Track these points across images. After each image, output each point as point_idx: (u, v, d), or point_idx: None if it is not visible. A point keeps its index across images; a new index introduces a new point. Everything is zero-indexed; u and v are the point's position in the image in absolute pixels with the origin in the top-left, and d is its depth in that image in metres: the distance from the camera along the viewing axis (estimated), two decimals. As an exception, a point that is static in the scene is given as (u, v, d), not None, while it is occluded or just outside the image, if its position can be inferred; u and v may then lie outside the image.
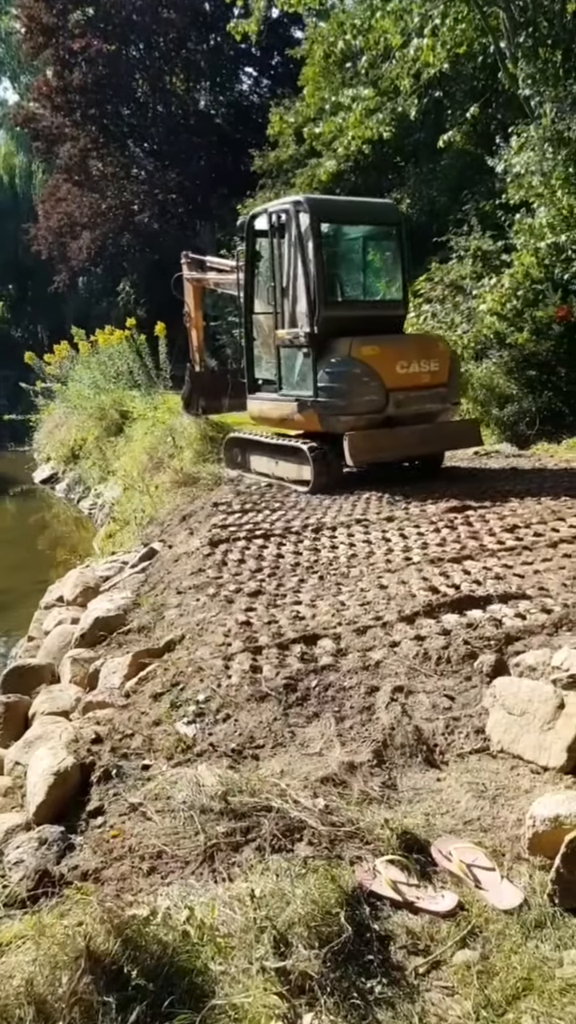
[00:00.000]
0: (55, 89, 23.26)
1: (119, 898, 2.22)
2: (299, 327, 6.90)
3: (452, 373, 7.08)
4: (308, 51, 14.01)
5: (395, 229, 7.51)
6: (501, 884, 2.12)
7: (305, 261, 6.76)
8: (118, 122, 24.56)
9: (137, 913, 2.04)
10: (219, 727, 3.03)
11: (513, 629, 3.55)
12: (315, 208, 6.83)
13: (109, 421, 12.44)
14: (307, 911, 1.95)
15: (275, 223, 7.06)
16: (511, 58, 9.41)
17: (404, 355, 6.77)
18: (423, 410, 6.87)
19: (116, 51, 23.29)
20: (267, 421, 7.62)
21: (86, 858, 2.49)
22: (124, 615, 4.76)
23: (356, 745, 2.85)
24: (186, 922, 1.99)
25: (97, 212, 24.21)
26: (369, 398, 6.61)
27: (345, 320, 6.91)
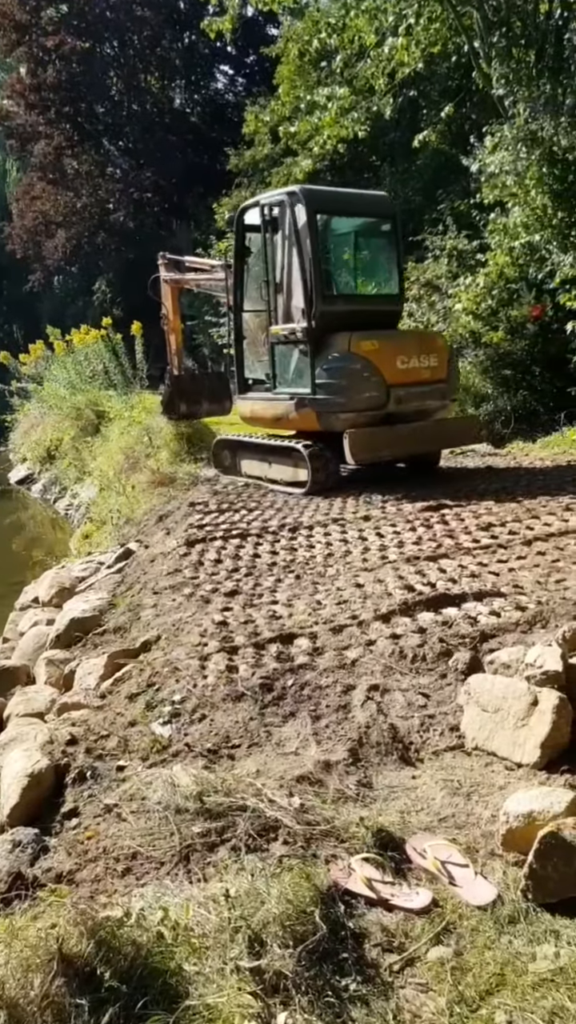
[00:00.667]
0: (29, 87, 23.08)
1: (93, 900, 2.20)
2: (295, 322, 6.72)
3: (451, 369, 6.98)
4: (283, 50, 14.01)
5: (390, 222, 7.40)
6: (475, 880, 2.13)
7: (301, 254, 6.56)
8: (93, 120, 24.42)
9: (111, 914, 2.02)
10: (195, 727, 3.02)
11: (488, 626, 3.57)
12: (311, 199, 6.64)
13: (85, 421, 12.35)
14: (282, 910, 1.95)
15: (268, 216, 6.87)
16: (485, 58, 9.45)
17: (404, 350, 6.63)
18: (423, 407, 6.75)
19: (90, 49, 23.17)
20: (259, 421, 7.44)
21: (60, 860, 2.47)
22: (100, 616, 4.73)
23: (332, 744, 2.85)
24: (160, 923, 1.98)
25: (72, 211, 24.06)
26: (370, 394, 6.44)
27: (342, 315, 6.72)
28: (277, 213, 6.80)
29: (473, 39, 9.80)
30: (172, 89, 25.74)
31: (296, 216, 6.59)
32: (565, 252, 8.19)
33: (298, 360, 6.80)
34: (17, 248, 25.53)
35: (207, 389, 8.71)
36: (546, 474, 6.93)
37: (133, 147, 24.54)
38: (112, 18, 23.10)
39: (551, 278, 8.46)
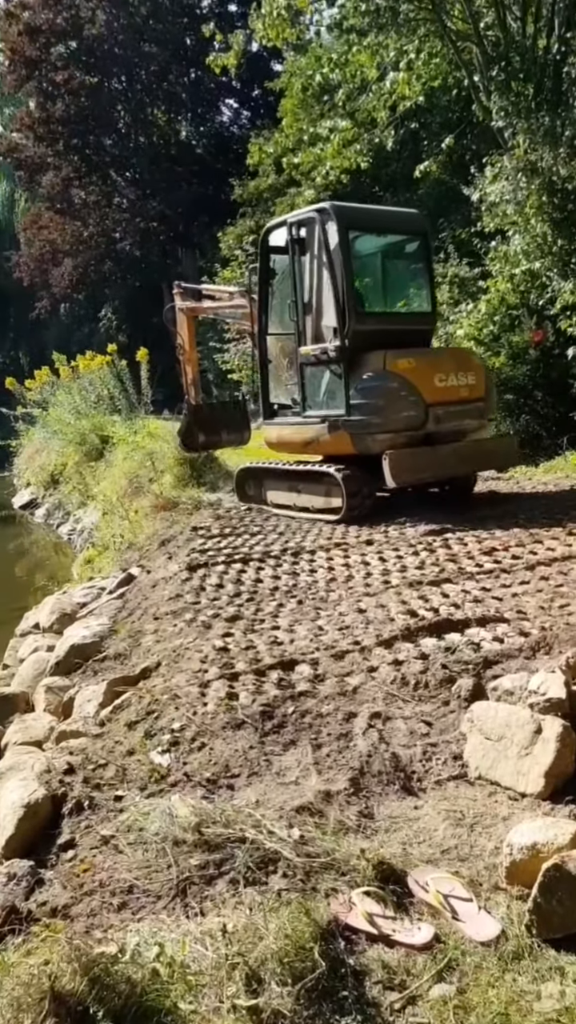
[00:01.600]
0: (38, 120, 23.56)
1: (88, 935, 2.15)
2: (326, 342, 6.53)
3: (488, 387, 6.78)
4: (287, 84, 14.28)
5: (421, 239, 7.27)
6: (478, 915, 2.08)
7: (333, 271, 6.38)
8: (100, 152, 24.88)
9: (105, 951, 1.98)
10: (194, 756, 2.98)
11: (491, 652, 3.53)
12: (342, 215, 6.46)
13: (89, 446, 12.40)
14: (280, 946, 1.90)
15: (296, 235, 6.69)
16: (484, 91, 9.62)
17: (441, 368, 6.41)
18: (462, 426, 6.50)
19: (98, 83, 23.68)
20: (288, 447, 7.18)
21: (56, 893, 2.42)
22: (100, 642, 4.69)
23: (333, 773, 2.80)
24: (156, 959, 1.93)
25: (79, 240, 24.43)
26: (408, 414, 6.20)
27: (374, 334, 6.48)
28: (305, 231, 6.63)
29: (473, 73, 9.99)
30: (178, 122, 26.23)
31: (327, 233, 6.42)
32: (565, 279, 8.26)
33: (330, 381, 6.60)
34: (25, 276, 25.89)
35: (225, 419, 8.51)
36: (549, 498, 6.91)
37: (140, 178, 24.96)
38: (120, 54, 23.63)
39: (552, 304, 8.53)
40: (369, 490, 6.40)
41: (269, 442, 7.44)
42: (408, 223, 7.53)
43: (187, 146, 25.95)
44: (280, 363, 7.25)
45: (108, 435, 12.08)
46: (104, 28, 23.07)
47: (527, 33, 9.70)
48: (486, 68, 9.65)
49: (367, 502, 6.41)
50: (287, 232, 6.80)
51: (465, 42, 10.12)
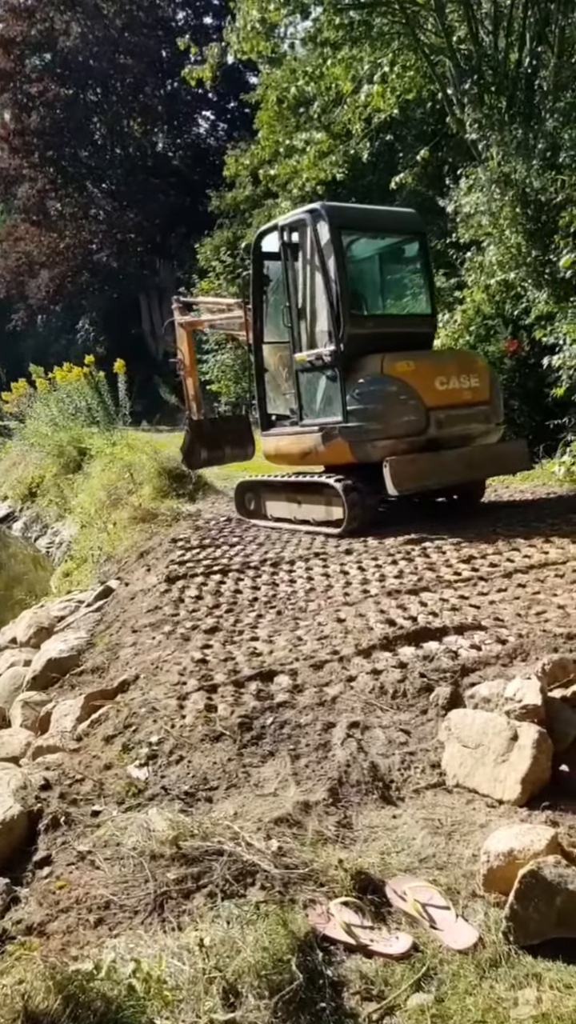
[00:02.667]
0: (13, 132, 23.51)
1: (64, 952, 2.13)
2: (321, 347, 6.34)
3: (494, 390, 6.53)
4: (262, 96, 14.35)
5: (419, 239, 7.07)
6: (456, 923, 2.08)
7: (326, 273, 6.17)
8: (76, 164, 24.86)
9: (81, 968, 1.95)
10: (172, 769, 2.96)
11: (468, 660, 3.55)
12: (334, 215, 6.26)
13: (67, 458, 12.34)
14: (257, 959, 1.89)
15: (287, 239, 6.51)
16: (458, 104, 9.75)
17: (442, 370, 6.19)
18: (467, 431, 6.28)
19: (74, 95, 23.68)
20: (286, 458, 6.94)
21: (31, 911, 2.39)
22: (78, 656, 4.66)
23: (311, 784, 2.80)
24: (132, 975, 1.91)
25: (55, 251, 24.37)
26: (408, 418, 5.98)
27: (372, 337, 6.28)
28: (297, 235, 6.47)
29: (446, 86, 10.12)
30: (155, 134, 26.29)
31: (319, 234, 6.23)
32: (539, 289, 8.36)
33: (326, 387, 6.39)
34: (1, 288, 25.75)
35: (228, 434, 8.30)
36: (526, 506, 6.97)
37: (116, 189, 24.97)
38: (95, 66, 23.66)
39: (527, 314, 8.62)
40: (371, 500, 6.18)
41: (267, 454, 7.21)
42: (404, 222, 7.33)
43: (164, 157, 26.00)
44: (277, 372, 7.06)
45: (86, 447, 12.04)
46: (79, 40, 23.10)
47: (499, 47, 9.85)
48: (459, 81, 9.78)
49: (369, 513, 6.19)
50: (278, 236, 6.63)
51: (438, 55, 10.26)
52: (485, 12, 10.31)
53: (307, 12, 10.34)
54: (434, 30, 10.12)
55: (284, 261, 6.59)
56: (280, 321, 6.83)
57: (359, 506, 6.10)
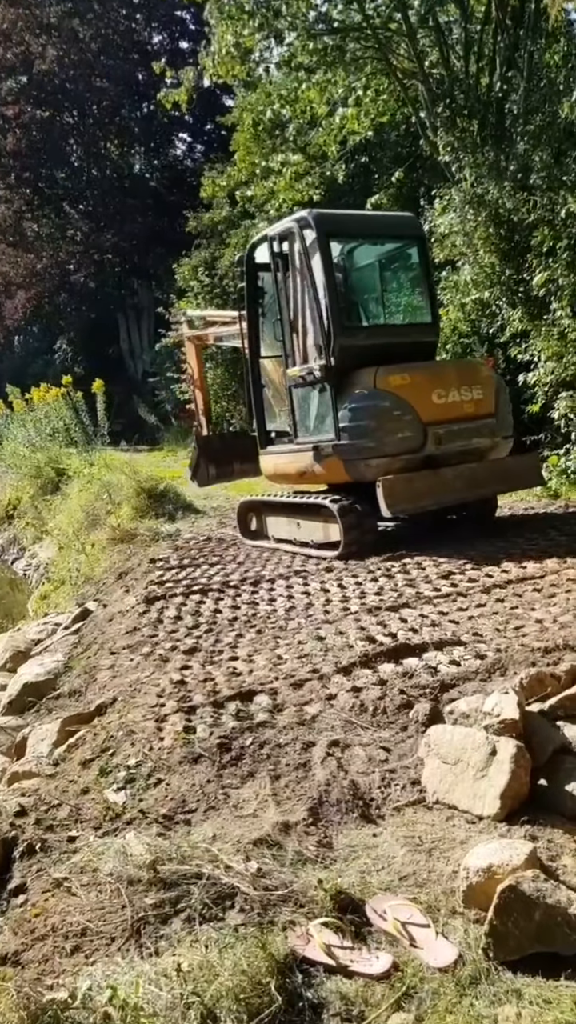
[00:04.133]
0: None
1: (39, 981, 2.09)
2: (312, 361, 6.04)
3: (500, 401, 6.15)
4: (238, 119, 14.53)
5: (418, 244, 6.69)
6: (436, 941, 2.07)
7: (314, 284, 5.90)
8: (53, 185, 24.96)
9: (56, 997, 1.92)
10: (150, 792, 2.93)
11: (448, 676, 3.56)
12: (321, 222, 5.99)
13: (45, 479, 12.27)
14: (236, 982, 1.87)
15: (277, 249, 6.23)
16: (431, 127, 9.94)
17: (441, 382, 5.84)
18: (470, 446, 5.95)
19: (50, 117, 23.82)
20: (285, 478, 6.68)
21: (6, 940, 2.34)
22: (55, 679, 4.62)
23: (291, 804, 2.78)
24: (108, 1003, 1.87)
25: (32, 272, 24.38)
26: (403, 435, 5.68)
27: (367, 348, 5.98)
28: (287, 245, 6.20)
29: (419, 110, 10.31)
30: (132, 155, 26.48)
31: (306, 243, 5.97)
32: (513, 308, 8.49)
33: (319, 403, 6.11)
34: (-23, 309, 25.66)
35: (237, 449, 7.98)
36: (504, 521, 7.02)
37: (94, 210, 25.05)
38: (71, 89, 23.83)
39: (502, 332, 8.74)
40: (370, 522, 5.89)
41: (266, 474, 6.90)
42: (401, 227, 6.97)
43: (141, 179, 26.17)
44: (274, 387, 6.79)
45: (64, 468, 11.98)
46: (55, 63, 23.26)
47: (470, 72, 10.06)
48: (432, 105, 9.97)
49: (369, 535, 5.90)
50: (268, 247, 6.38)
51: (411, 80, 10.46)
52: (456, 38, 10.54)
53: (281, 37, 10.50)
54: (406, 55, 10.33)
55: (275, 272, 6.34)
56: (273, 335, 6.62)
57: (356, 528, 5.82)
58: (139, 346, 24.52)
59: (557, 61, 9.25)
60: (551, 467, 8.03)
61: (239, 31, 10.19)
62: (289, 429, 6.49)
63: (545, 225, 7.93)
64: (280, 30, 10.26)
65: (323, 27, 10.55)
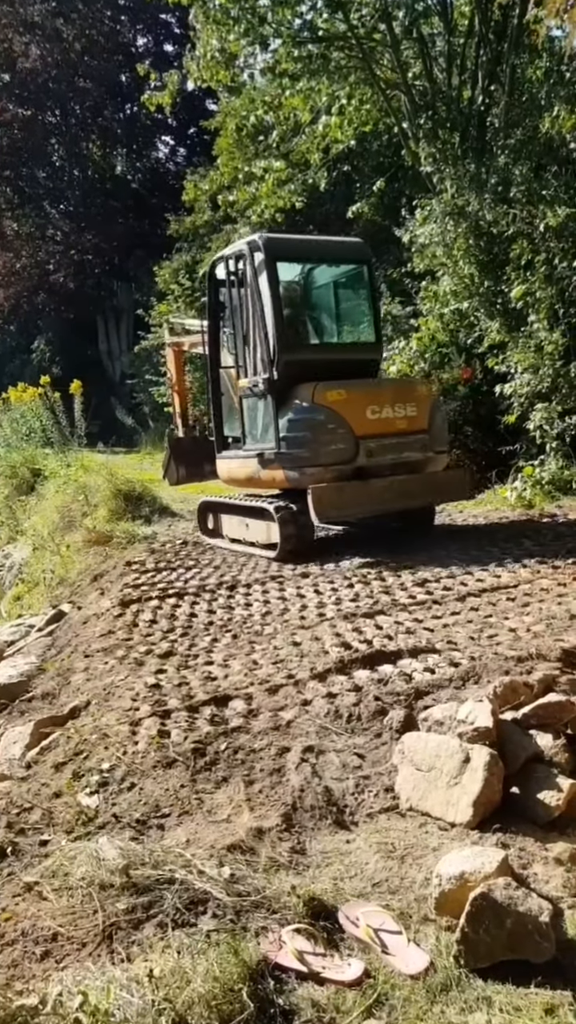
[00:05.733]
0: (-30, 151, 23.35)
1: (8, 987, 2.07)
2: (259, 374, 6.45)
3: (434, 418, 6.54)
4: (222, 123, 14.55)
5: (365, 268, 7.13)
6: (407, 948, 2.08)
7: (261, 303, 6.32)
8: (34, 184, 24.78)
9: (26, 1003, 1.90)
10: (123, 796, 2.92)
11: (422, 683, 3.58)
12: (270, 246, 6.41)
13: (20, 479, 12.14)
14: (208, 989, 1.87)
15: (232, 268, 6.70)
16: (413, 138, 10.02)
17: (376, 399, 6.23)
18: (400, 459, 6.34)
19: (32, 116, 23.66)
20: (236, 482, 7.13)
21: (-25, 947, 2.31)
22: (28, 681, 4.57)
23: (265, 809, 2.78)
24: (79, 1009, 1.86)
25: (11, 271, 24.18)
26: (336, 447, 6.06)
27: (311, 364, 6.41)
28: (241, 264, 6.61)
29: (402, 120, 10.39)
30: (114, 157, 26.38)
31: (255, 264, 6.38)
32: (492, 319, 8.58)
33: (263, 414, 6.52)
34: (-45, 306, 25.39)
35: (208, 451, 8.12)
36: (479, 530, 7.09)
37: (75, 211, 24.92)
38: (54, 88, 23.70)
39: (480, 343, 8.83)
40: (306, 526, 6.24)
41: (221, 477, 7.35)
42: (349, 252, 7.42)
43: (123, 181, 26.08)
44: (231, 396, 7.15)
45: (40, 468, 11.87)
46: (38, 62, 23.13)
47: (453, 84, 10.17)
48: (414, 116, 10.06)
49: (305, 539, 6.29)
50: (224, 265, 6.81)
51: (394, 90, 10.54)
52: (439, 50, 10.65)
53: (266, 44, 10.52)
54: (390, 66, 10.41)
55: (229, 289, 6.77)
56: (229, 347, 6.99)
57: (292, 530, 6.19)
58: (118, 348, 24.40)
59: (539, 76, 9.38)
60: (526, 477, 8.13)
61: (224, 36, 10.19)
62: (240, 436, 6.91)
63: (524, 238, 8.04)
64: (265, 36, 10.27)
65: (308, 35, 10.59)
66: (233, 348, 6.84)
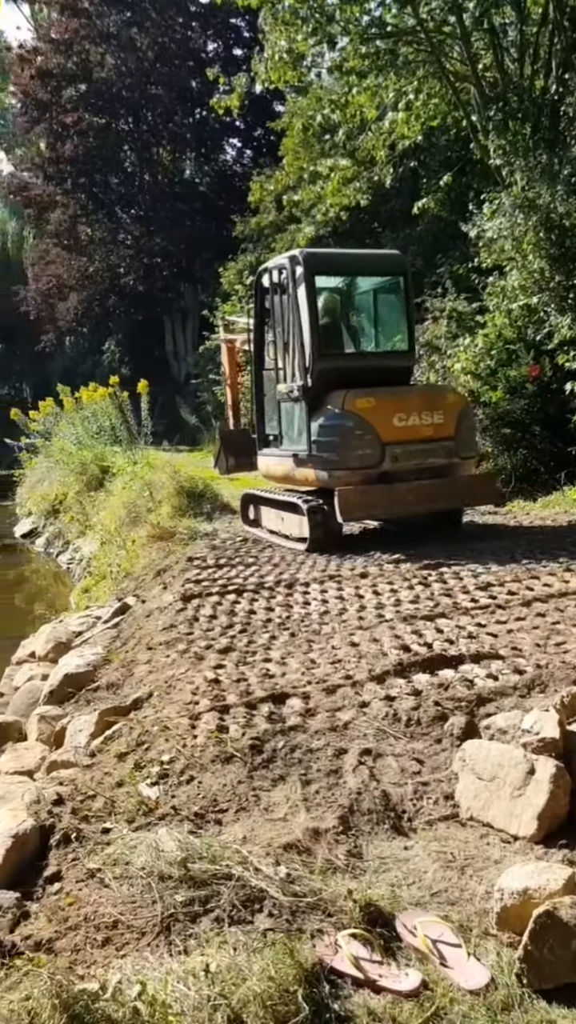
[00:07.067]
0: (47, 160, 24.09)
1: (71, 971, 2.11)
2: (295, 380, 6.88)
3: (462, 425, 6.80)
4: (288, 124, 14.57)
5: (401, 279, 7.47)
6: (468, 962, 2.03)
7: (299, 313, 6.75)
8: (106, 190, 25.35)
9: (87, 987, 1.93)
10: (182, 789, 2.95)
11: (485, 690, 3.50)
12: (309, 261, 6.83)
13: (90, 476, 12.45)
14: (263, 988, 1.86)
15: (275, 279, 7.15)
16: (483, 130, 9.83)
17: (403, 407, 6.53)
18: (425, 465, 6.61)
19: (106, 124, 24.18)
20: (273, 477, 7.61)
21: (40, 927, 2.37)
22: (94, 671, 4.67)
23: (322, 810, 2.77)
24: (137, 998, 1.88)
25: (85, 275, 24.79)
26: (362, 452, 6.40)
27: (344, 372, 6.78)
28: (283, 276, 7.02)
29: (471, 113, 10.22)
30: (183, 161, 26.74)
31: (296, 277, 6.79)
32: (563, 314, 8.34)
33: (298, 418, 6.93)
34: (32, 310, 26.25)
35: None
36: (546, 534, 6.90)
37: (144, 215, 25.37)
38: (127, 96, 24.16)
39: (549, 339, 8.59)
40: (334, 523, 6.57)
41: (261, 472, 7.82)
42: (386, 264, 7.82)
43: (191, 184, 26.41)
44: (271, 396, 7.55)
45: (108, 465, 12.14)
46: (113, 72, 23.62)
47: (524, 74, 9.94)
48: (484, 108, 9.87)
49: (332, 534, 6.65)
50: (268, 276, 7.30)
51: (463, 83, 10.37)
52: (511, 40, 10.42)
53: (334, 42, 10.50)
54: (459, 58, 10.24)
55: (271, 298, 7.25)
56: (271, 351, 7.47)
57: (321, 526, 6.56)
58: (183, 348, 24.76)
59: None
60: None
61: (292, 36, 10.22)
62: (277, 435, 7.37)
63: (598, 231, 7.79)
64: (333, 35, 10.26)
65: (376, 31, 10.52)
66: (273, 354, 7.28)
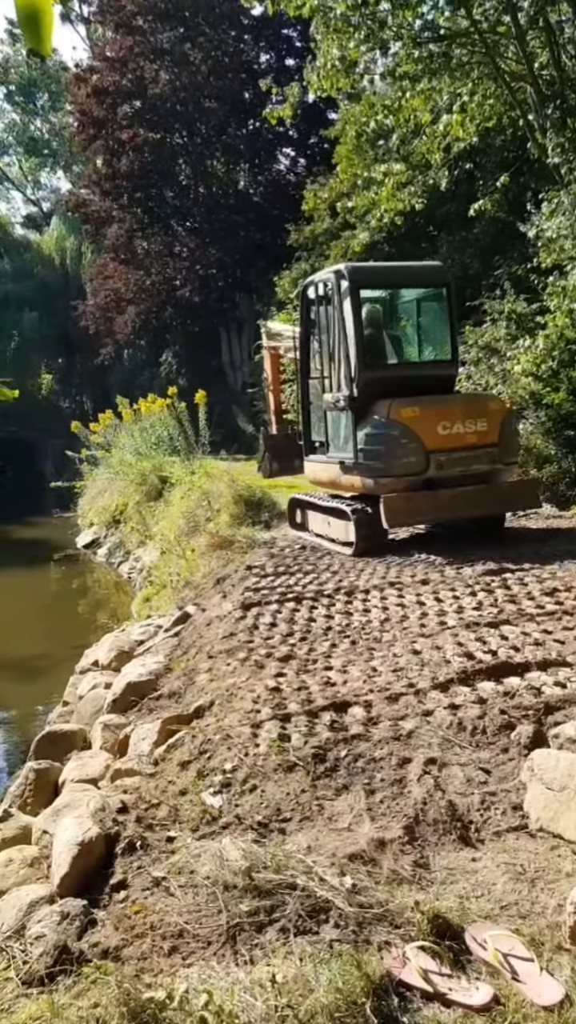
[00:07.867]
0: (104, 176, 24.63)
1: (138, 979, 2.13)
2: (341, 390, 7.03)
3: (504, 432, 6.92)
4: (341, 131, 14.59)
5: (444, 290, 7.59)
6: (540, 977, 1.98)
7: (344, 326, 6.91)
8: (162, 204, 25.77)
9: (154, 996, 1.95)
10: (245, 798, 2.95)
11: (553, 698, 3.42)
12: (354, 275, 7.02)
13: (149, 486, 12.65)
14: (331, 1000, 1.85)
15: (320, 292, 7.33)
16: (540, 129, 9.66)
17: (447, 415, 6.67)
18: (469, 471, 6.73)
19: (161, 139, 24.59)
20: (320, 483, 7.79)
21: (107, 935, 2.41)
22: (156, 680, 4.73)
23: (386, 820, 2.73)
24: (204, 1008, 1.89)
25: (141, 288, 25.22)
26: (407, 460, 6.55)
27: (389, 382, 6.93)
28: (328, 289, 7.19)
29: (527, 112, 10.04)
30: (237, 172, 27.01)
31: (341, 291, 6.96)
32: (627, 313, 8.12)
33: (344, 426, 7.08)
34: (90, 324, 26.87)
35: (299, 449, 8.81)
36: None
37: (199, 227, 25.71)
38: (182, 111, 24.56)
39: (613, 339, 8.37)
40: (379, 528, 6.69)
41: (308, 478, 7.99)
42: (429, 276, 8.00)
43: (245, 195, 26.65)
44: (317, 404, 7.72)
45: (167, 475, 12.32)
46: (167, 87, 24.04)
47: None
48: (541, 107, 9.70)
49: (378, 539, 6.80)
50: (314, 289, 7.49)
51: (519, 82, 10.20)
52: (568, 37, 10.22)
53: (387, 48, 10.47)
54: (515, 58, 10.09)
55: (317, 310, 7.44)
56: (316, 361, 7.68)
57: (367, 531, 6.68)
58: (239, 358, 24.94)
59: None
60: None
61: (345, 44, 10.22)
62: (324, 442, 7.56)
63: None
64: (385, 40, 10.22)
65: (429, 35, 10.44)
66: (319, 364, 7.48)
